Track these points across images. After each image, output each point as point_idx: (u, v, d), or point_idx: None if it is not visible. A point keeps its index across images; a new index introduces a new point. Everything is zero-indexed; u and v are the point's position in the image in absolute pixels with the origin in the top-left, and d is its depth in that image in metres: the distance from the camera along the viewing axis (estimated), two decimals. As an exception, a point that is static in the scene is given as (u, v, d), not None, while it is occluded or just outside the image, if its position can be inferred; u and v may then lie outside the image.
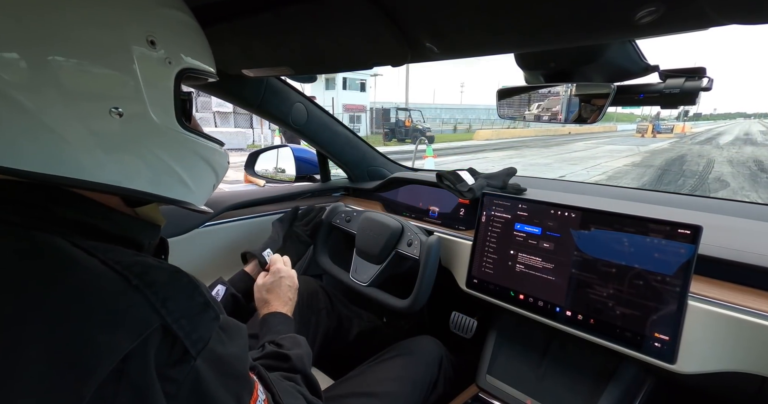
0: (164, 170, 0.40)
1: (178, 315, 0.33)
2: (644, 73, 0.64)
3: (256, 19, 0.61)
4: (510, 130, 29.12)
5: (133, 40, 0.36)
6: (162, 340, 0.31)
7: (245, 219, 1.18)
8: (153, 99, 0.37)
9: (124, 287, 0.31)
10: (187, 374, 0.32)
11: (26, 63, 0.31)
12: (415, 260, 0.96)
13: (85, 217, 0.36)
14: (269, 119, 1.16)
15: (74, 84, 0.33)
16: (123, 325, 0.30)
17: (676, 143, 22.80)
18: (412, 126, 18.31)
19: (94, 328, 0.29)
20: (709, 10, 0.37)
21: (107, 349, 0.28)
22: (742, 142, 24.24)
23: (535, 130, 31.56)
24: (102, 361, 0.28)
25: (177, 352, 0.32)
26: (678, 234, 0.67)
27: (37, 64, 0.32)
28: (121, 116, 0.35)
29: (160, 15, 0.39)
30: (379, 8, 0.50)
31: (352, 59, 0.70)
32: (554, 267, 0.81)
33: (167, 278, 0.34)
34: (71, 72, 0.33)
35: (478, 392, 0.93)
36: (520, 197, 0.92)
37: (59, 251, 0.31)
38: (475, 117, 41.62)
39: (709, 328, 0.64)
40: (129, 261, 0.33)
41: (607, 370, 0.83)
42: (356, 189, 1.45)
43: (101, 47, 0.34)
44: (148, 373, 0.30)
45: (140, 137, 0.38)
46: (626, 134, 35.34)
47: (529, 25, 0.48)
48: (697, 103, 0.60)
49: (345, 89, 25.44)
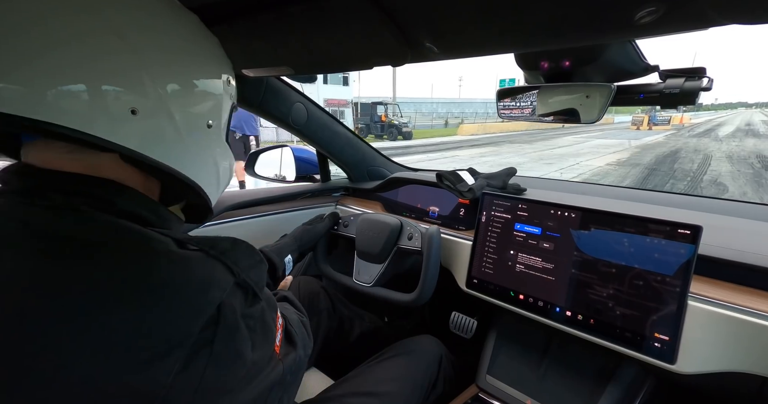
0: (214, 171, 0.51)
1: (246, 267, 0.43)
2: (644, 73, 0.64)
3: (256, 19, 0.61)
4: (498, 124, 27.94)
5: (222, 79, 0.50)
6: (241, 290, 0.41)
7: (245, 219, 1.18)
8: (224, 117, 0.52)
9: (204, 257, 0.40)
10: (258, 310, 0.44)
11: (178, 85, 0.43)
12: (417, 252, 0.96)
13: (139, 209, 0.43)
14: (269, 118, 1.16)
15: (194, 102, 0.46)
16: (212, 285, 0.38)
17: (672, 136, 21.11)
18: (388, 121, 17.65)
19: (193, 291, 0.37)
20: (709, 10, 0.37)
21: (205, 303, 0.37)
22: (744, 133, 22.43)
23: (526, 124, 29.86)
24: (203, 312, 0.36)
25: (251, 296, 0.43)
26: (678, 234, 0.67)
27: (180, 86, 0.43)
28: (210, 128, 0.48)
29: (228, 63, 0.54)
30: (379, 8, 0.50)
31: (352, 59, 0.70)
32: (554, 267, 0.81)
33: (231, 245, 0.44)
34: (195, 94, 0.46)
35: (478, 392, 0.93)
36: (520, 197, 0.92)
37: (140, 232, 0.39)
38: (472, 111, 41.53)
39: (709, 328, 0.64)
40: (195, 239, 0.41)
41: (607, 370, 0.83)
42: (356, 189, 1.45)
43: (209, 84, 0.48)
44: (236, 316, 0.39)
45: (214, 144, 0.50)
46: (622, 126, 33.42)
47: (529, 25, 0.48)
48: (698, 103, 0.60)
49: (326, 84, 24.27)
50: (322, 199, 1.42)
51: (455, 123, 30.89)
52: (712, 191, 7.04)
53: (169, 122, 0.42)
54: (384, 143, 16.78)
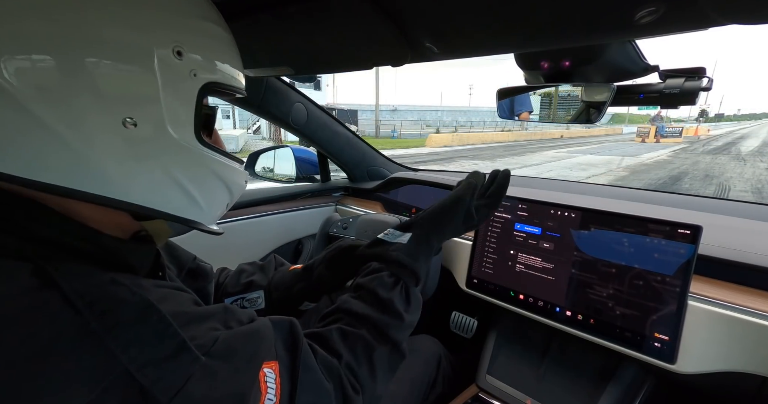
0: (175, 188, 0.38)
1: (142, 362, 0.30)
2: (644, 73, 0.64)
3: (255, 19, 0.61)
4: (480, 134, 25.77)
5: (157, 46, 0.34)
6: (126, 387, 0.29)
7: (245, 219, 1.18)
8: (172, 112, 0.35)
9: (80, 332, 0.29)
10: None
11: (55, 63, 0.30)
12: None
13: (65, 238, 0.33)
14: (269, 118, 1.16)
15: (85, 85, 0.31)
16: (79, 376, 0.27)
17: (681, 152, 16.74)
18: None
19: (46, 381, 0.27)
20: (709, 10, 0.36)
21: None
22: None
23: (516, 134, 28.71)
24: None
25: (145, 399, 0.30)
26: (678, 234, 0.67)
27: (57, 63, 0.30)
28: (135, 126, 0.33)
29: (190, 25, 0.37)
30: (379, 8, 0.50)
31: (352, 59, 0.70)
32: (554, 267, 0.81)
33: (135, 317, 0.31)
34: (83, 71, 0.31)
35: (478, 392, 0.93)
36: (520, 197, 0.92)
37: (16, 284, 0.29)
38: (479, 119, 41.55)
39: (709, 328, 0.64)
40: (96, 295, 0.30)
41: (607, 370, 0.83)
42: (356, 189, 1.45)
43: (119, 48, 0.32)
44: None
45: (154, 151, 0.35)
46: (627, 137, 30.42)
47: (529, 25, 0.48)
48: (697, 103, 0.60)
49: (295, 87, 23.26)
50: (322, 199, 1.42)
51: (448, 132, 29.20)
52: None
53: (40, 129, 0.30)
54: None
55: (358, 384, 0.48)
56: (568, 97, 0.72)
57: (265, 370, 0.38)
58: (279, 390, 0.38)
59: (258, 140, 19.65)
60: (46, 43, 0.30)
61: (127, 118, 0.33)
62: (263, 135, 21.65)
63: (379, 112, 19.88)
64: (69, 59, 0.30)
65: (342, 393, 0.45)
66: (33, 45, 0.29)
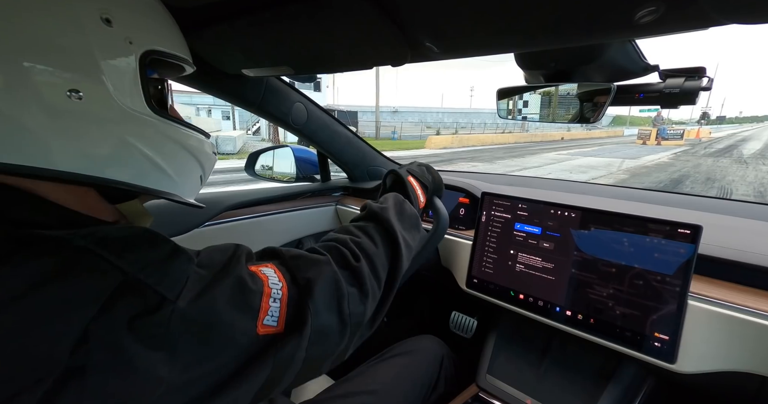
0: (140, 158, 0.38)
1: (141, 264, 0.31)
2: (644, 73, 0.64)
3: (255, 19, 0.61)
4: (480, 136, 25.22)
5: (84, 16, 0.33)
6: (130, 294, 0.29)
7: (245, 219, 1.18)
8: (115, 81, 0.35)
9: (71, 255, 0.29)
10: (170, 315, 0.31)
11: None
12: None
13: (37, 216, 0.33)
14: (269, 118, 1.16)
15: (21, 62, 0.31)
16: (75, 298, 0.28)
17: (682, 154, 16.51)
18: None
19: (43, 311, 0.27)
20: (709, 9, 0.37)
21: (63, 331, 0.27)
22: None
23: (516, 135, 28.47)
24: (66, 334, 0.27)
25: (152, 300, 0.30)
26: (678, 234, 0.67)
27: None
28: (81, 99, 0.33)
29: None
30: (379, 8, 0.50)
31: (352, 59, 0.70)
32: (554, 267, 0.81)
33: (120, 232, 0.32)
34: (20, 50, 0.31)
35: (478, 392, 0.93)
36: (520, 196, 0.92)
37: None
38: (480, 121, 41.56)
39: (709, 328, 0.64)
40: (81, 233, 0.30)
41: (607, 370, 0.83)
42: (356, 189, 1.45)
43: (50, 23, 0.32)
44: (117, 329, 0.28)
45: (105, 122, 0.35)
46: (629, 139, 29.74)
47: (529, 25, 0.48)
48: (698, 102, 0.60)
49: (294, 88, 23.18)
50: (322, 199, 1.42)
51: (448, 134, 28.95)
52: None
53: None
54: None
55: (358, 251, 0.50)
56: (568, 96, 0.72)
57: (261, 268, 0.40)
58: (281, 275, 0.41)
59: (257, 141, 19.67)
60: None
61: (71, 90, 0.33)
62: (263, 136, 21.65)
63: (380, 113, 19.73)
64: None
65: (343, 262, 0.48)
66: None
